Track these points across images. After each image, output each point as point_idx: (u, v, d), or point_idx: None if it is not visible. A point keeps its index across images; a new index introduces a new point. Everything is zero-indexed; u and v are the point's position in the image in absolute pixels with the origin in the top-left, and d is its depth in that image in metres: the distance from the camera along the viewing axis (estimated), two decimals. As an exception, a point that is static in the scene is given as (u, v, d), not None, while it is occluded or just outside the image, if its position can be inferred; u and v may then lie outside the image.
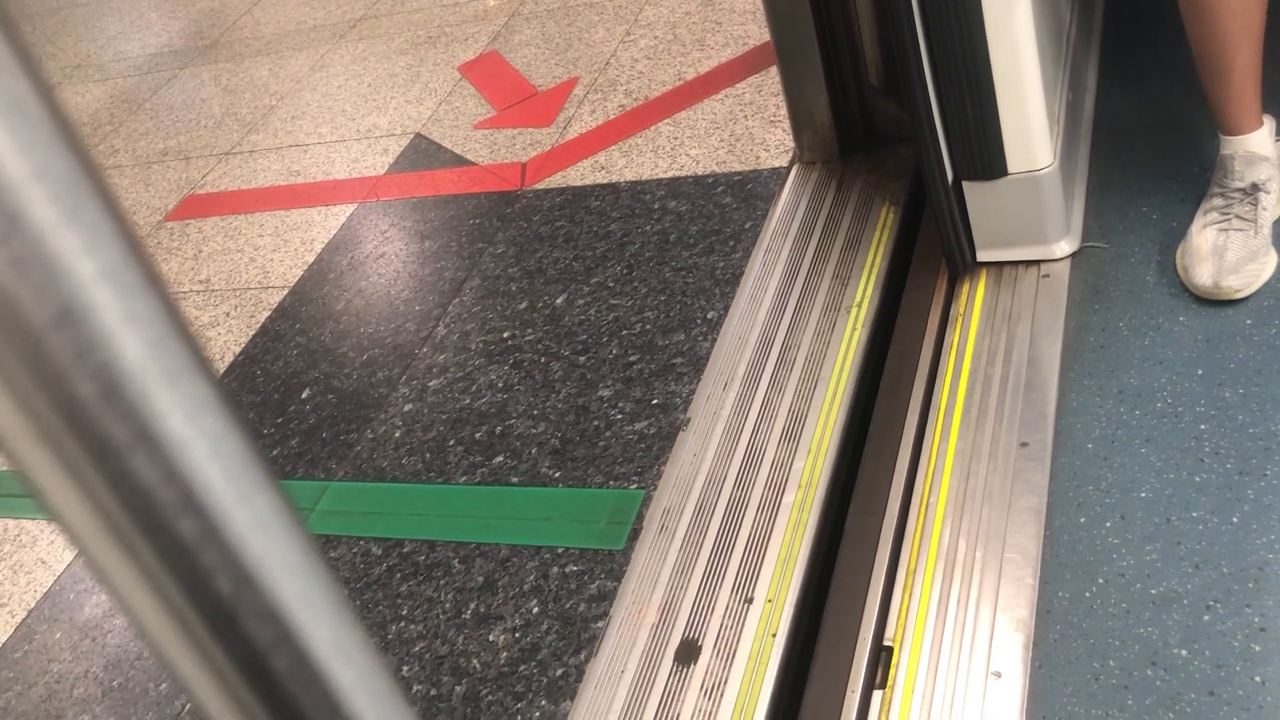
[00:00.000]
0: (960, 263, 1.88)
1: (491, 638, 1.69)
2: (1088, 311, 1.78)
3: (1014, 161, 1.77)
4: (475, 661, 1.66)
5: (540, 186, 2.71)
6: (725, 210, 2.38)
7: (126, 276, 0.24)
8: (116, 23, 4.95)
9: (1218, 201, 1.74)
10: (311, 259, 2.79)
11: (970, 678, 1.36)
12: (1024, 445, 1.60)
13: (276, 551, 0.28)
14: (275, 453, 2.21)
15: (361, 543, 1.94)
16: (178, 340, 0.25)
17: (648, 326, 2.15)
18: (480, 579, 1.78)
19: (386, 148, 3.16)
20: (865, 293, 1.94)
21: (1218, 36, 1.62)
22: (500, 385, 2.14)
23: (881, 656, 1.42)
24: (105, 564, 0.26)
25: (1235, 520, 1.43)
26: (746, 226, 2.30)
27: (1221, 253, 1.69)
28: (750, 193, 2.41)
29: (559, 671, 1.60)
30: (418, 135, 3.16)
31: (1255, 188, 1.72)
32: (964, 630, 1.41)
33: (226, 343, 2.60)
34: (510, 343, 2.24)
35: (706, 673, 1.46)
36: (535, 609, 1.70)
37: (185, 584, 0.26)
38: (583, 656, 1.60)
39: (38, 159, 0.22)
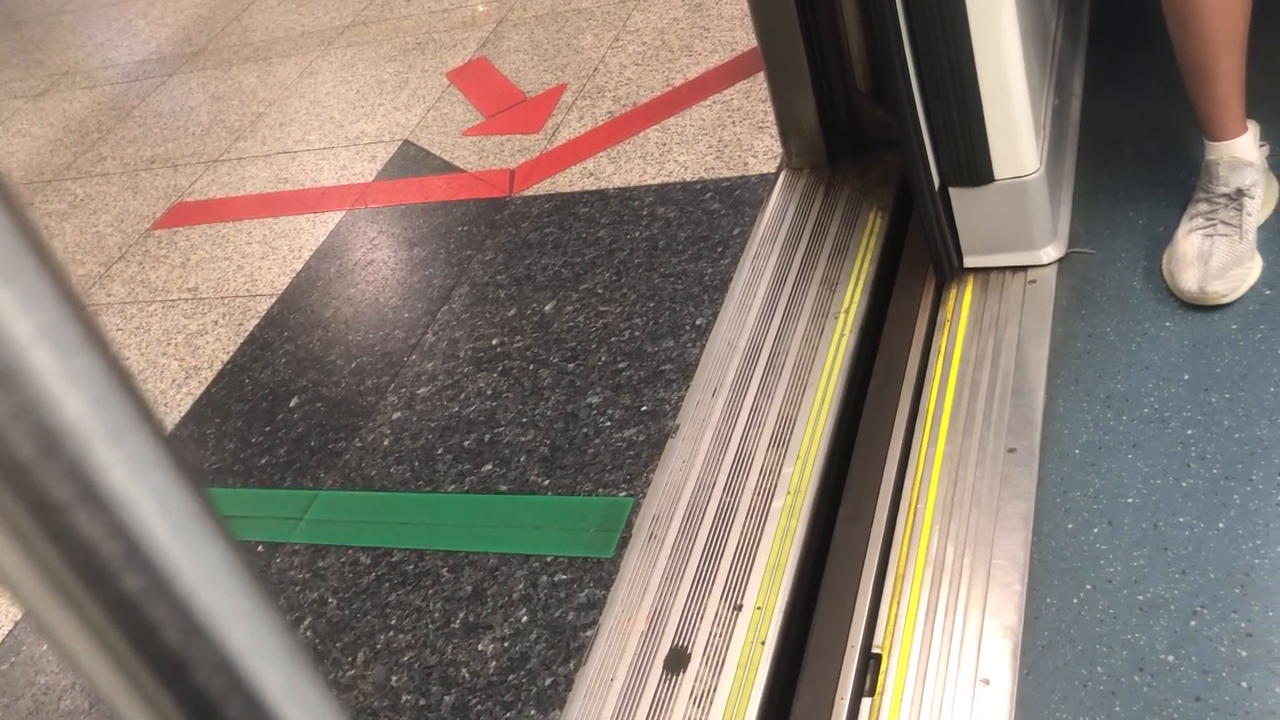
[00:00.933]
0: (947, 268, 1.88)
1: (480, 647, 1.68)
2: (1074, 317, 1.79)
3: (1000, 167, 1.77)
4: (464, 671, 1.66)
5: (529, 193, 2.71)
6: (713, 216, 2.39)
7: (65, 336, 0.24)
8: (104, 30, 4.94)
9: (1203, 207, 1.75)
10: (300, 266, 2.78)
11: (959, 685, 1.36)
12: (1011, 451, 1.60)
13: (225, 602, 0.28)
14: (263, 461, 2.21)
15: (350, 552, 1.94)
16: (120, 397, 0.25)
17: (636, 333, 2.15)
18: (469, 588, 1.78)
19: (375, 155, 3.16)
20: (853, 298, 1.94)
21: (1202, 43, 1.63)
22: (489, 393, 2.14)
23: (870, 664, 1.42)
24: (50, 619, 0.26)
25: (1222, 525, 1.44)
26: (735, 232, 2.30)
27: (1207, 258, 1.70)
28: (738, 199, 2.41)
29: (548, 680, 1.60)
30: (406, 142, 3.15)
31: (1240, 193, 1.72)
32: (952, 637, 1.41)
33: (214, 351, 2.59)
34: (499, 350, 2.24)
35: (696, 680, 1.46)
36: (524, 618, 1.70)
37: (132, 637, 0.26)
38: (572, 665, 1.60)
39: (-31, 225, 0.22)
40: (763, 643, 1.47)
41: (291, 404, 2.33)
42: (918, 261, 1.97)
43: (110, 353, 0.25)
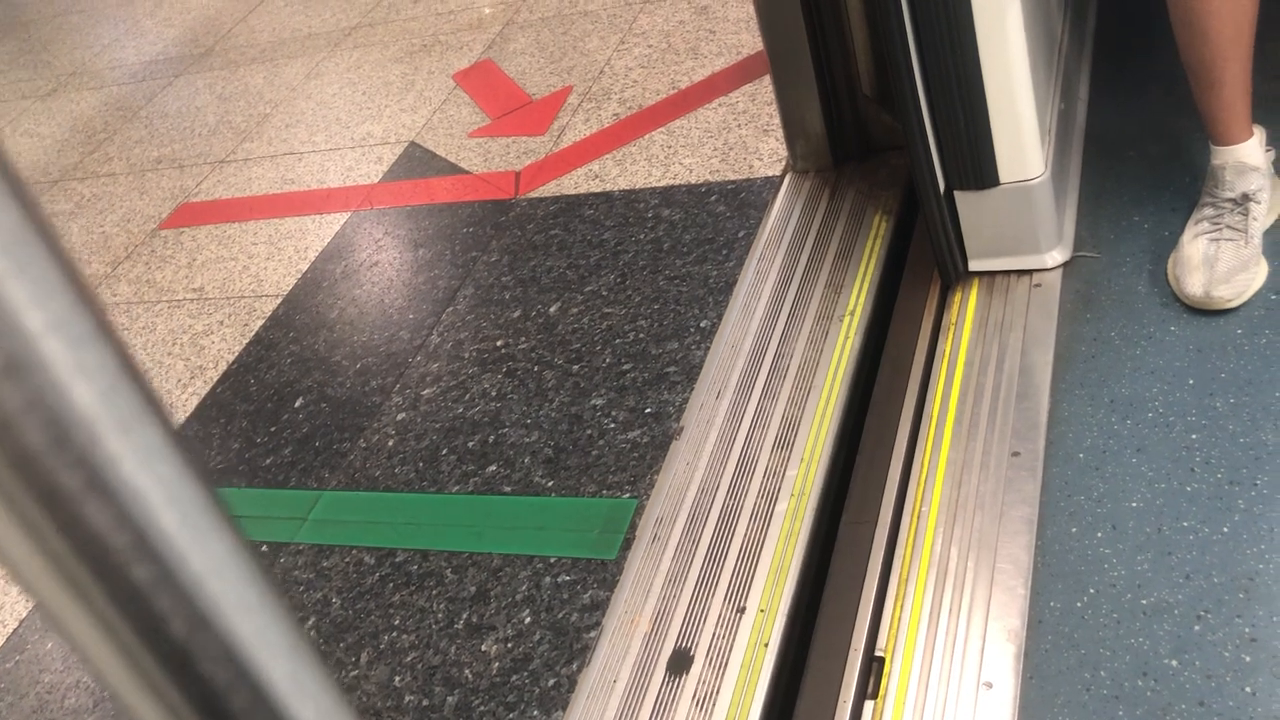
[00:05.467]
0: (952, 272, 1.88)
1: (484, 648, 1.69)
2: (1079, 321, 1.78)
3: (1006, 171, 1.77)
4: (467, 671, 1.66)
5: (534, 195, 2.71)
6: (718, 219, 2.39)
7: (76, 327, 0.24)
8: (112, 30, 4.95)
9: (1209, 211, 1.75)
10: (305, 267, 2.79)
11: (961, 688, 1.36)
12: (1016, 455, 1.60)
13: (232, 593, 0.28)
14: (268, 461, 2.21)
15: (354, 552, 1.94)
16: (129, 389, 0.25)
17: (641, 335, 2.15)
18: (473, 588, 1.78)
19: (381, 156, 3.16)
20: (858, 301, 1.94)
21: (1208, 48, 1.63)
22: (493, 394, 2.14)
23: (873, 666, 1.42)
24: (58, 609, 0.26)
25: (1226, 530, 1.43)
26: (740, 235, 2.31)
27: (1213, 263, 1.70)
28: (743, 201, 2.41)
29: (551, 681, 1.60)
30: (412, 143, 3.16)
31: (1246, 198, 1.72)
32: (955, 640, 1.41)
33: (220, 351, 2.60)
34: (504, 351, 2.24)
35: (699, 683, 1.46)
36: (528, 619, 1.70)
37: (140, 628, 0.27)
38: (575, 666, 1.60)
39: (-17, 214, 0.22)
40: (766, 645, 1.47)
41: (296, 404, 2.33)
42: (922, 265, 1.97)
43: (120, 344, 0.25)
